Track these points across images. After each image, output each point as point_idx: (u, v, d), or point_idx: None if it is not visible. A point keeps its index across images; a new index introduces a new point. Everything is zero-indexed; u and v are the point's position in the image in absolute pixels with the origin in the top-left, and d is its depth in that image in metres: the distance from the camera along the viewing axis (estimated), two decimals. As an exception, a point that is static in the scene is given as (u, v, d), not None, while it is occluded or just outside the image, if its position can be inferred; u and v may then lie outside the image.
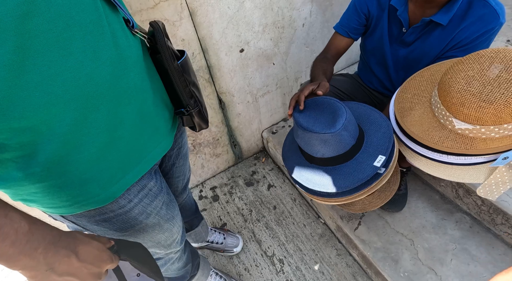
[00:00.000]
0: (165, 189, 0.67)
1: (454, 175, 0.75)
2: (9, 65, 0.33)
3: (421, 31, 0.89)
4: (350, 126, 0.73)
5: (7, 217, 0.35)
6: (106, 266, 0.45)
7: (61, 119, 0.40)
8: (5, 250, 0.34)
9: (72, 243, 0.41)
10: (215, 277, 1.13)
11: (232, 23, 1.12)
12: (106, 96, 0.44)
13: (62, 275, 0.39)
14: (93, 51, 0.40)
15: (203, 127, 0.70)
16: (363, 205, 0.88)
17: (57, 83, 0.37)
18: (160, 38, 0.52)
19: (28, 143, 0.39)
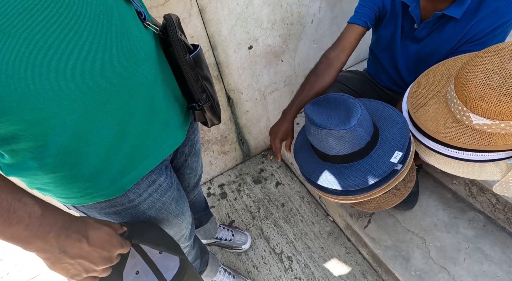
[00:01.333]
0: (176, 185, 0.67)
1: (470, 172, 0.74)
2: (19, 57, 0.33)
3: (433, 26, 0.87)
4: (364, 122, 0.72)
5: (21, 202, 0.36)
6: (117, 250, 0.47)
7: (71, 112, 0.40)
8: (19, 233, 0.36)
9: (84, 228, 0.43)
10: (224, 274, 1.13)
11: (240, 20, 1.12)
12: (117, 89, 0.44)
13: (74, 258, 0.41)
14: (103, 43, 0.40)
15: (215, 123, 0.69)
16: (378, 204, 0.86)
17: (67, 76, 0.37)
18: (172, 31, 0.51)
19: (40, 134, 0.40)
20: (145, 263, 0.57)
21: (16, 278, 1.38)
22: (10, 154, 0.42)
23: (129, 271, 0.55)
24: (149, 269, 0.56)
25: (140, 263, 0.57)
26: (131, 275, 0.55)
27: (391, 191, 0.84)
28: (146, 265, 0.57)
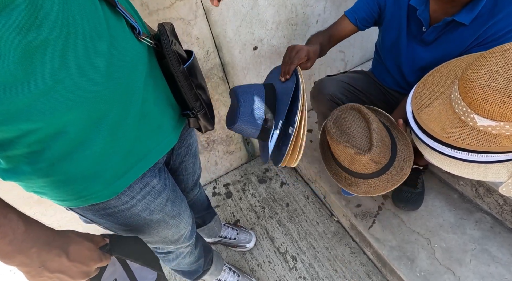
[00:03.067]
0: (171, 186, 0.68)
1: (475, 174, 0.73)
2: (14, 74, 0.35)
3: (442, 30, 0.87)
4: (247, 122, 0.72)
5: (6, 218, 0.37)
6: (96, 264, 0.48)
7: (65, 121, 0.42)
8: (3, 248, 0.37)
9: (65, 243, 0.44)
10: (229, 272, 1.15)
11: (245, 21, 1.13)
12: (108, 98, 0.45)
13: (53, 272, 0.42)
14: (93, 56, 0.41)
15: (208, 129, 0.71)
16: (368, 188, 0.85)
17: (60, 90, 0.39)
18: (165, 43, 0.53)
19: (35, 141, 0.42)
20: (124, 271, 0.58)
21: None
22: (5, 160, 0.44)
23: (107, 278, 0.56)
24: (127, 278, 0.58)
25: (119, 271, 0.58)
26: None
27: (383, 177, 0.83)
28: (124, 273, 0.58)
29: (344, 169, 0.86)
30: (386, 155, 0.81)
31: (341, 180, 0.90)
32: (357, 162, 0.80)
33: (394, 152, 0.84)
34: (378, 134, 0.80)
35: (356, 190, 0.87)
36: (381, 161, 0.80)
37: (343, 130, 0.83)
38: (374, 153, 0.77)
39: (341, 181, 0.90)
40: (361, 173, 0.83)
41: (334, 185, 1.30)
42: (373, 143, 0.79)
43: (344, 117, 0.86)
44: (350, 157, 0.80)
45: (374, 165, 0.79)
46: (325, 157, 0.94)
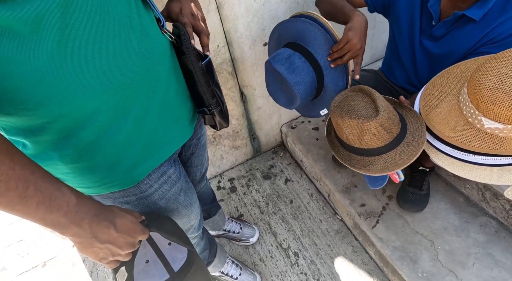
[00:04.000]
0: (184, 177, 0.70)
1: (481, 176, 0.73)
2: (52, 57, 0.36)
3: (451, 25, 0.86)
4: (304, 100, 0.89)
5: (60, 191, 0.40)
6: (139, 237, 0.50)
7: (95, 107, 0.43)
8: (59, 220, 0.39)
9: (111, 216, 0.46)
10: (231, 265, 1.17)
11: (257, 17, 1.13)
12: (136, 87, 0.47)
13: (103, 243, 0.45)
14: (125, 44, 0.43)
15: (223, 126, 0.72)
16: (385, 164, 0.78)
17: (93, 75, 0.41)
18: (186, 40, 0.54)
19: (65, 127, 0.43)
20: (155, 253, 0.60)
21: (35, 258, 1.47)
22: (34, 144, 0.45)
23: (139, 259, 0.59)
24: (158, 259, 0.59)
25: (150, 252, 0.60)
26: (141, 263, 0.58)
27: (398, 149, 0.78)
28: (155, 255, 0.60)
29: (355, 150, 0.82)
30: (396, 123, 0.77)
31: (355, 164, 0.84)
32: (366, 133, 0.75)
33: (404, 123, 0.80)
34: (383, 102, 0.77)
35: (373, 169, 0.80)
36: (392, 129, 0.76)
37: (347, 108, 0.80)
38: (382, 117, 0.73)
39: (354, 165, 0.84)
40: (373, 148, 0.78)
41: (339, 183, 1.30)
42: (379, 108, 0.75)
43: (346, 98, 0.83)
44: (358, 130, 0.76)
45: (385, 133, 0.75)
46: (333, 147, 0.91)
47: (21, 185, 0.35)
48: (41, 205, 0.37)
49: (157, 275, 0.57)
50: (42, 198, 0.37)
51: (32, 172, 0.37)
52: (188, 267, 0.58)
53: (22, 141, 0.45)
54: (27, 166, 0.37)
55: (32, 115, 0.40)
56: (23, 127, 0.42)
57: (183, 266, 0.58)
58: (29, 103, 0.38)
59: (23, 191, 0.35)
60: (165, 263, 0.59)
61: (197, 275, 0.60)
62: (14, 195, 0.35)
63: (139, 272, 0.57)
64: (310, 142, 1.51)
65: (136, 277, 0.56)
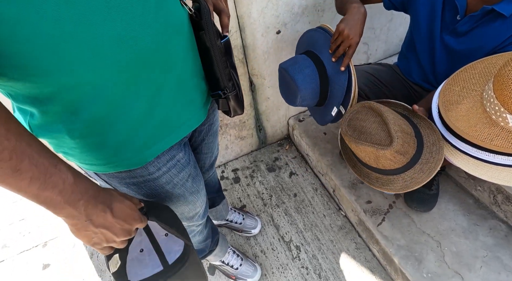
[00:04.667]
0: (193, 162, 0.68)
1: (499, 177, 0.70)
2: (62, 21, 0.34)
3: (478, 20, 0.82)
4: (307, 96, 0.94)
5: (56, 168, 0.37)
6: (136, 224, 0.48)
7: (106, 80, 0.41)
8: (53, 198, 0.37)
9: (109, 199, 0.44)
10: (233, 255, 1.16)
11: (272, 3, 1.09)
12: (149, 61, 0.44)
13: (98, 227, 0.42)
14: (140, 14, 0.40)
15: (238, 113, 0.69)
16: (404, 183, 0.78)
17: (105, 44, 0.38)
18: (205, 14, 0.51)
19: (74, 99, 0.41)
20: (150, 242, 0.58)
21: (37, 237, 1.47)
22: (41, 114, 0.43)
23: (134, 248, 0.57)
24: (152, 249, 0.57)
25: (145, 242, 0.58)
26: (135, 252, 0.56)
27: (416, 167, 0.77)
28: (150, 244, 0.58)
29: (373, 168, 0.81)
30: (412, 144, 0.76)
31: (373, 181, 0.85)
32: (382, 159, 0.76)
33: (420, 139, 0.79)
34: (395, 125, 0.76)
35: (392, 188, 0.80)
36: (408, 151, 0.75)
37: (359, 130, 0.80)
38: (397, 145, 0.73)
39: (373, 183, 0.84)
40: (391, 169, 0.78)
41: (345, 179, 1.28)
42: (393, 135, 0.74)
43: (356, 117, 0.82)
44: (374, 155, 0.76)
45: (401, 157, 0.75)
46: (351, 162, 0.90)
47: (15, 157, 0.33)
48: (35, 181, 0.35)
49: (151, 265, 0.55)
50: (37, 173, 0.35)
51: (28, 145, 0.34)
52: (183, 260, 0.56)
53: (30, 110, 0.43)
54: (24, 138, 0.34)
55: (39, 83, 0.38)
56: (30, 95, 0.40)
57: (178, 259, 0.56)
58: (35, 69, 0.36)
59: (17, 163, 0.33)
60: (159, 254, 0.57)
61: (192, 269, 0.58)
62: (7, 166, 0.32)
63: (132, 260, 0.55)
64: (317, 136, 1.49)
65: (128, 265, 0.54)
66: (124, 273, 0.52)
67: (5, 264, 1.39)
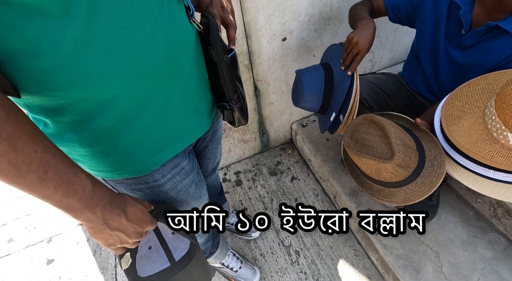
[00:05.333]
0: (196, 169, 0.70)
1: (498, 193, 0.71)
2: (78, 40, 0.36)
3: (483, 35, 0.82)
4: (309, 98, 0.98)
5: (77, 176, 0.40)
6: (147, 227, 0.51)
7: (117, 93, 0.43)
8: (74, 204, 0.40)
9: (123, 204, 0.47)
10: (232, 258, 1.17)
11: (278, 10, 1.10)
12: (159, 75, 0.46)
13: (113, 230, 0.46)
14: (152, 31, 0.42)
15: (242, 123, 0.71)
16: (406, 196, 0.79)
17: (118, 61, 0.40)
18: (214, 31, 0.53)
19: (85, 110, 0.43)
20: (158, 240, 0.61)
21: (42, 233, 1.50)
22: (54, 124, 0.46)
23: (143, 245, 0.60)
24: (160, 247, 0.60)
25: (154, 239, 0.61)
26: (144, 249, 0.60)
27: (418, 181, 0.78)
28: (158, 242, 0.61)
29: (374, 180, 0.83)
30: (413, 157, 0.77)
31: (375, 193, 0.85)
32: (384, 171, 0.77)
33: (422, 152, 0.79)
34: (397, 138, 0.77)
35: (393, 201, 0.81)
36: (409, 165, 0.76)
37: (361, 142, 0.80)
38: (398, 158, 0.74)
39: (375, 194, 0.85)
40: (392, 182, 0.79)
41: (346, 186, 1.29)
42: (394, 149, 0.75)
43: (359, 130, 0.83)
44: (375, 168, 0.77)
45: (403, 170, 0.76)
46: (353, 174, 0.91)
47: (42, 168, 0.36)
48: (59, 189, 0.38)
49: (158, 262, 0.58)
50: (60, 181, 0.38)
51: (52, 156, 0.37)
52: (189, 258, 0.59)
53: (44, 120, 0.46)
54: (49, 150, 0.37)
55: (55, 96, 0.40)
56: (45, 106, 0.42)
57: (184, 257, 0.59)
58: (53, 83, 0.38)
59: (43, 173, 0.36)
60: (167, 252, 0.60)
61: (197, 267, 0.61)
62: (35, 177, 0.35)
63: (141, 257, 0.58)
64: (320, 142, 1.50)
65: (138, 261, 0.57)
66: (134, 269, 0.55)
67: (11, 258, 1.42)
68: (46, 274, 1.34)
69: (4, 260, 1.42)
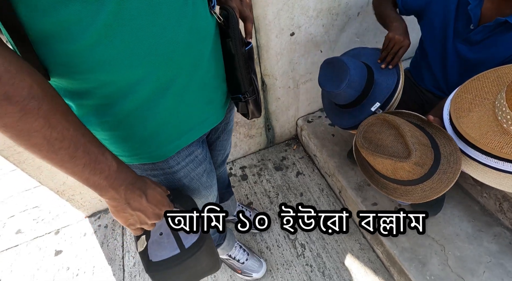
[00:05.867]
0: (209, 159, 0.71)
1: (507, 185, 0.72)
2: (107, 25, 0.37)
3: (492, 31, 0.83)
4: (354, 84, 0.91)
5: (104, 155, 0.42)
6: (165, 209, 0.53)
7: (139, 78, 0.44)
8: (100, 182, 0.42)
9: (144, 186, 0.49)
10: (239, 250, 1.19)
11: (287, 5, 1.11)
12: (180, 62, 0.47)
13: (134, 210, 0.47)
14: (176, 19, 0.43)
15: (256, 116, 0.72)
16: (423, 193, 0.79)
17: (142, 46, 0.41)
18: (234, 23, 0.54)
19: (108, 94, 0.44)
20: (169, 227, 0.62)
21: (49, 224, 1.52)
22: (77, 107, 0.47)
23: (155, 231, 0.62)
24: (171, 234, 0.62)
25: (165, 226, 0.62)
26: (155, 235, 0.61)
27: (435, 177, 0.78)
28: (169, 229, 0.62)
29: (390, 179, 0.82)
30: (429, 155, 0.77)
31: (391, 192, 0.85)
32: (400, 170, 0.76)
33: (437, 149, 0.80)
34: (412, 137, 0.77)
35: (411, 198, 0.80)
36: (426, 162, 0.76)
37: (375, 142, 0.80)
38: (415, 157, 0.73)
39: (392, 194, 0.85)
40: (409, 180, 0.79)
41: (352, 180, 1.29)
42: (410, 147, 0.74)
43: (371, 130, 0.83)
44: (392, 167, 0.77)
45: (420, 168, 0.75)
46: (367, 173, 0.91)
47: (73, 145, 0.37)
48: (87, 166, 0.39)
49: (169, 248, 0.59)
50: (88, 160, 0.39)
51: (83, 135, 0.39)
52: (198, 246, 0.59)
53: (68, 103, 0.47)
54: (80, 129, 0.39)
55: (81, 79, 0.41)
56: (71, 89, 0.43)
57: (194, 244, 0.60)
58: (81, 66, 0.39)
59: (73, 151, 0.37)
60: (177, 239, 0.61)
61: (206, 255, 0.62)
62: (66, 153, 0.37)
63: (152, 242, 0.60)
64: (326, 137, 1.51)
65: (149, 246, 0.59)
66: (147, 254, 0.57)
67: (19, 249, 1.44)
68: (54, 265, 1.36)
69: (12, 250, 1.43)
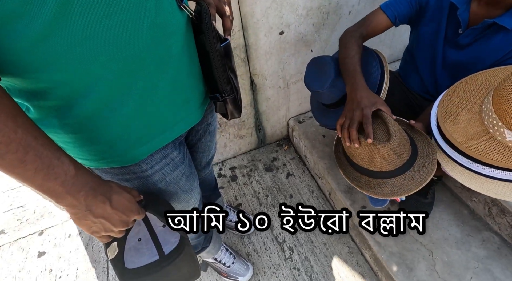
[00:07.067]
0: (188, 161, 0.68)
1: (494, 191, 0.70)
2: (56, 19, 0.34)
3: (480, 33, 0.81)
4: (338, 83, 0.91)
5: (59, 160, 0.39)
6: (134, 216, 0.50)
7: (98, 77, 0.41)
8: (55, 188, 0.39)
9: (108, 191, 0.46)
10: (225, 253, 1.16)
11: (276, 3, 1.08)
12: (144, 60, 0.44)
13: (97, 217, 0.44)
14: (136, 12, 0.40)
15: (235, 116, 0.69)
16: (393, 188, 0.78)
17: (99, 41, 0.38)
18: (206, 18, 0.51)
19: (66, 95, 0.42)
20: (148, 232, 0.60)
21: (33, 225, 1.49)
22: (36, 109, 0.44)
23: (132, 237, 0.59)
24: (150, 239, 0.59)
25: (143, 231, 0.60)
26: (133, 241, 0.58)
27: (407, 174, 0.77)
28: (148, 234, 0.60)
29: (363, 171, 0.82)
30: (407, 148, 0.76)
31: (362, 185, 0.83)
32: (377, 156, 0.75)
33: (415, 149, 0.79)
34: (395, 126, 0.76)
35: (380, 192, 0.79)
36: (402, 154, 0.75)
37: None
38: (394, 142, 0.72)
39: (362, 186, 0.83)
40: (382, 172, 0.78)
41: (341, 183, 1.28)
42: (392, 133, 0.73)
43: None
44: (369, 152, 0.75)
45: (396, 157, 0.74)
46: (342, 166, 0.90)
47: (22, 149, 0.35)
48: (39, 172, 0.37)
49: (147, 254, 0.57)
50: (40, 164, 0.37)
51: (34, 138, 0.36)
52: (178, 252, 0.57)
53: (26, 104, 0.44)
54: (30, 131, 0.36)
55: (34, 78, 0.38)
56: (26, 89, 0.41)
57: (174, 250, 0.58)
58: (31, 65, 0.36)
59: (23, 155, 0.35)
60: (156, 244, 0.59)
61: (186, 261, 0.60)
62: (14, 158, 0.34)
63: (130, 249, 0.57)
64: (316, 138, 1.48)
65: (126, 253, 0.56)
66: (122, 260, 0.54)
67: (2, 249, 1.40)
68: (37, 267, 1.33)
69: (-6, 252, 1.40)
